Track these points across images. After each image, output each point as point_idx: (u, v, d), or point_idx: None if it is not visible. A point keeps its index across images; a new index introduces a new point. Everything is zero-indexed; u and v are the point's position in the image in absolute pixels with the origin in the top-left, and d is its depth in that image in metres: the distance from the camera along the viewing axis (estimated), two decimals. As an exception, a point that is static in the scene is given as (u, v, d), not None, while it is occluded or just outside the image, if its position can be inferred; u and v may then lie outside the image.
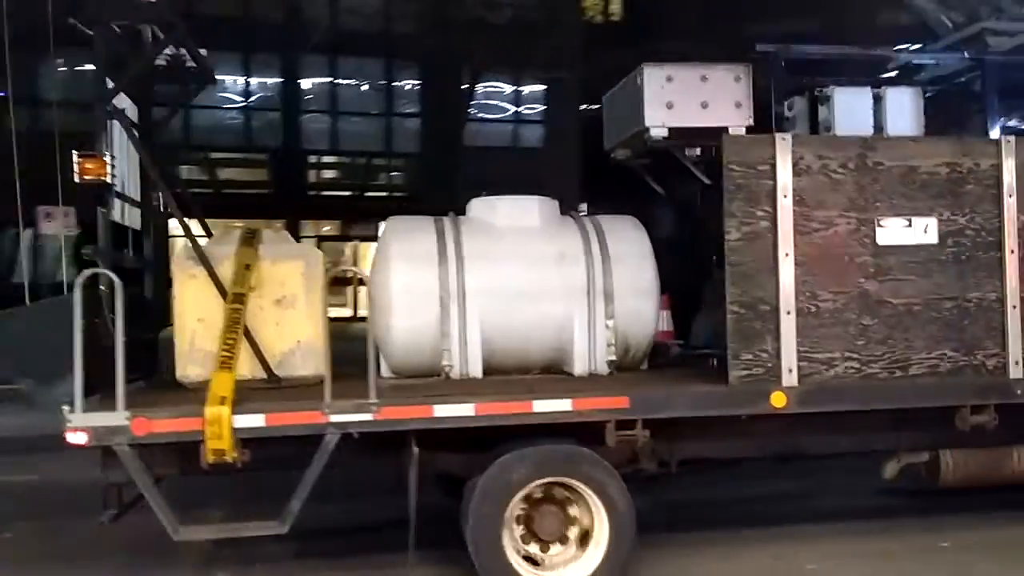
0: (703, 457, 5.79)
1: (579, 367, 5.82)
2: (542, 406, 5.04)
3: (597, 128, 7.39)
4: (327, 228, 25.68)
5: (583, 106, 19.00)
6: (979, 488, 5.98)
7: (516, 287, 5.79)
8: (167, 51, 6.01)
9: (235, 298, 5.43)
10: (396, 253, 5.81)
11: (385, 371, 5.78)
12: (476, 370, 5.68)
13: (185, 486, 5.62)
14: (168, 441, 4.81)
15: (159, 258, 6.54)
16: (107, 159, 5.31)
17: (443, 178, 20.09)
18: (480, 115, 23.93)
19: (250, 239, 5.77)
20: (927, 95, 6.69)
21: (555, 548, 5.15)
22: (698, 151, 6.82)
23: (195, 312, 5.54)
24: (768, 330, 5.21)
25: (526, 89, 24.59)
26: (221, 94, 22.08)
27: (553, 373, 5.97)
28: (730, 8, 20.36)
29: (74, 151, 5.25)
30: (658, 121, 6.32)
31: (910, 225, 5.38)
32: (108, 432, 4.66)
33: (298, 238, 23.21)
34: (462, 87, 22.17)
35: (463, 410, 4.97)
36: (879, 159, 5.37)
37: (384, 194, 25.12)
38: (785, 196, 5.23)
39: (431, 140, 23.23)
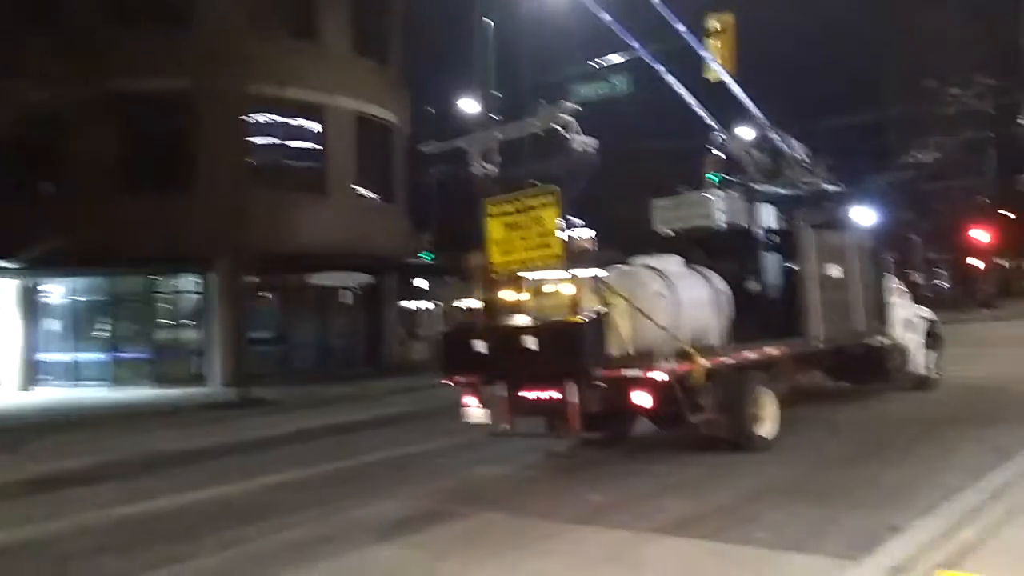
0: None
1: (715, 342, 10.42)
2: (771, 351, 10.63)
3: None
4: None
5: None
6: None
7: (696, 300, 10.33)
8: None
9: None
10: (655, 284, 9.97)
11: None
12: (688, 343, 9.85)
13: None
14: (683, 374, 9.11)
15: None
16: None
17: None
18: None
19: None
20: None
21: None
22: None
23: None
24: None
25: None
26: None
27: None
28: (91, 59, 19.93)
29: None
30: (719, 218, 11.77)
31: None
32: (669, 371, 8.91)
33: None
34: None
35: (759, 353, 10.38)
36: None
37: None
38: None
39: None
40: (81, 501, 9.67)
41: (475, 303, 10.76)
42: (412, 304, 34.88)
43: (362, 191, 26.37)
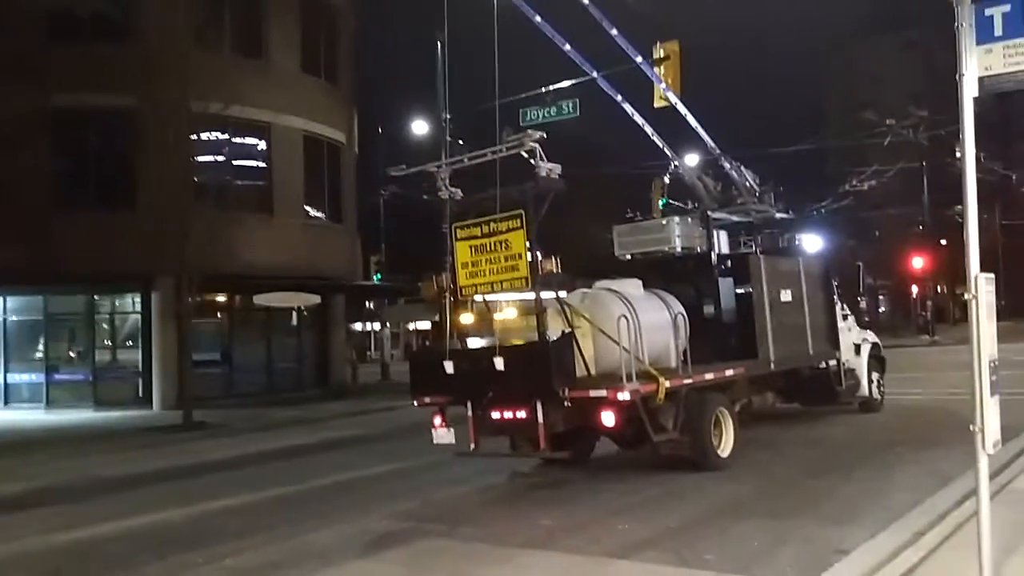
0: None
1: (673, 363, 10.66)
2: (728, 372, 10.94)
3: None
4: None
5: None
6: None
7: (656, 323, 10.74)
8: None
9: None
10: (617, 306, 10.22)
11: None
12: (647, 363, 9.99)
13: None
14: (646, 395, 9.41)
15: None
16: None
17: None
18: None
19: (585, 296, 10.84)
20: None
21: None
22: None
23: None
24: None
25: None
26: None
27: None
28: (32, 73, 20.31)
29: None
30: (678, 243, 12.58)
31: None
32: (633, 391, 9.18)
33: None
34: None
35: (717, 375, 10.73)
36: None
37: None
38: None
39: None
40: (19, 527, 9.35)
41: (440, 324, 10.62)
42: (361, 326, 34.50)
43: (310, 211, 26.17)
